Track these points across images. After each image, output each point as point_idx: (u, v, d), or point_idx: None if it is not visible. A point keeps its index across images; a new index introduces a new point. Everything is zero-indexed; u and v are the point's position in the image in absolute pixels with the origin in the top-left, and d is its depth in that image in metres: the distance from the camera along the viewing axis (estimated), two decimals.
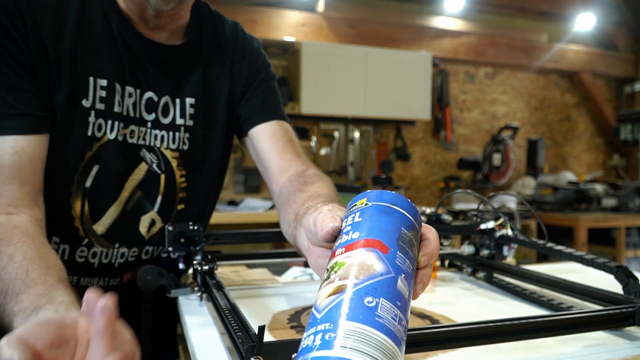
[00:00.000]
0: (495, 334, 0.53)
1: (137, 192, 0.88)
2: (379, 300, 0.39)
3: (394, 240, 0.43)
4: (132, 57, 0.85)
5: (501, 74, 5.02)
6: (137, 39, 0.85)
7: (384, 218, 0.45)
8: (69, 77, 0.79)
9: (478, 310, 0.78)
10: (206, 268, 0.79)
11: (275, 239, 1.04)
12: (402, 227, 0.45)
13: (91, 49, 0.81)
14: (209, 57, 0.94)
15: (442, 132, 4.68)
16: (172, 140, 0.90)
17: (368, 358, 0.36)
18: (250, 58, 1.00)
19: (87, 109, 0.81)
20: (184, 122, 0.91)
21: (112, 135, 0.83)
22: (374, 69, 4.03)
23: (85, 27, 0.81)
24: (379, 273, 0.40)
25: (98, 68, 0.82)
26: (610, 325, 0.61)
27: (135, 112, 0.86)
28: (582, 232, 3.77)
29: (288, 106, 3.90)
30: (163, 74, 0.89)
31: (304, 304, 0.78)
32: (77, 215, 0.83)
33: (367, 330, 0.37)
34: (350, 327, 0.37)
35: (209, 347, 0.60)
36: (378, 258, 0.41)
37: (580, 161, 5.43)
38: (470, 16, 4.69)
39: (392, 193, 0.47)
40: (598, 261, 0.76)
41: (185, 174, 0.92)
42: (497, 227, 0.96)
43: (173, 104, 0.90)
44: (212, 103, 0.94)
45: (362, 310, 0.38)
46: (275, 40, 4.01)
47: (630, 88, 5.39)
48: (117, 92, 0.83)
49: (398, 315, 0.39)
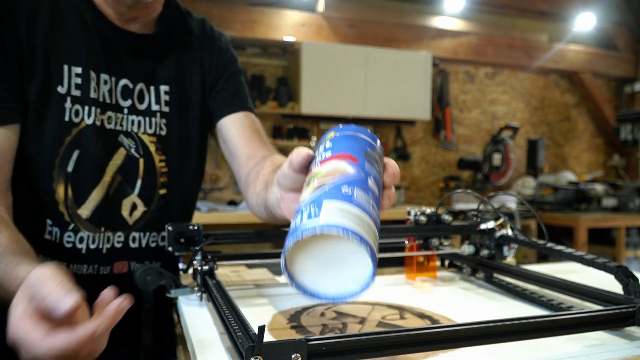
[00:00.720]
0: (495, 334, 0.53)
1: (118, 177, 0.91)
2: (354, 189, 0.45)
3: (361, 155, 0.50)
4: (105, 45, 0.89)
5: (501, 74, 5.02)
6: (110, 28, 0.89)
7: (350, 142, 0.52)
8: (42, 66, 0.82)
9: (478, 310, 0.78)
10: (206, 268, 0.79)
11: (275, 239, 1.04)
12: (367, 148, 0.52)
13: (65, 38, 0.85)
14: (179, 48, 0.98)
15: (442, 132, 4.68)
16: (148, 126, 0.94)
17: (350, 223, 0.42)
18: (219, 52, 1.04)
19: (63, 95, 0.84)
20: (160, 108, 0.95)
21: (89, 121, 0.86)
22: (374, 69, 4.03)
23: (59, 18, 0.85)
24: (351, 174, 0.47)
25: (72, 56, 0.85)
26: (610, 325, 0.61)
27: (111, 98, 0.90)
28: (582, 232, 3.77)
29: (288, 106, 3.90)
30: (136, 62, 0.92)
31: (304, 304, 0.78)
32: (62, 199, 0.86)
33: (346, 205, 0.43)
34: (331, 204, 0.43)
35: (209, 347, 0.60)
36: (349, 164, 0.48)
37: (580, 161, 5.43)
38: (470, 16, 4.70)
39: (356, 125, 0.55)
40: (598, 261, 0.76)
41: (165, 158, 0.95)
42: (497, 227, 0.96)
43: (148, 90, 0.94)
44: (185, 91, 0.98)
45: (340, 195, 0.44)
46: (275, 40, 4.01)
47: (630, 88, 5.39)
48: (92, 79, 0.86)
49: (371, 203, 0.46)
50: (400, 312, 0.74)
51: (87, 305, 0.53)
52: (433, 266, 0.97)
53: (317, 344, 0.46)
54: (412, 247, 0.96)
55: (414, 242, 0.96)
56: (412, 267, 0.96)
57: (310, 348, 0.45)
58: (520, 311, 0.76)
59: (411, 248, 0.96)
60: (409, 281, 0.96)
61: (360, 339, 0.47)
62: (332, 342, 0.46)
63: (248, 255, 0.94)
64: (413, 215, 0.95)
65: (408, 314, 0.74)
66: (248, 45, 3.99)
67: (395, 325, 0.69)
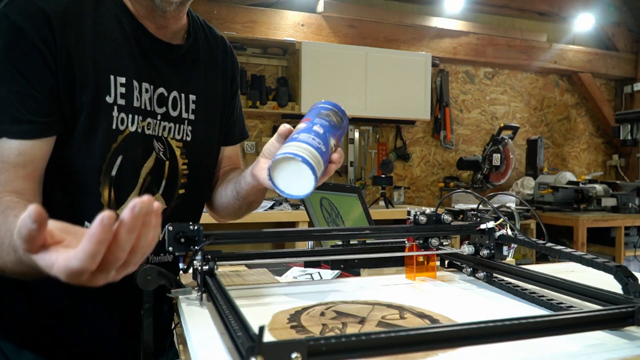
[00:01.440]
0: (495, 334, 0.53)
1: (148, 178, 0.97)
2: (300, 134, 0.76)
3: (315, 116, 0.80)
4: (144, 55, 0.94)
5: (501, 74, 5.02)
6: (148, 38, 0.94)
7: (312, 110, 0.82)
8: (92, 77, 0.87)
9: (478, 310, 0.78)
10: (206, 268, 0.79)
11: (275, 239, 1.04)
12: (321, 110, 0.81)
13: (109, 49, 0.89)
14: (205, 59, 1.06)
15: (441, 132, 4.68)
16: (177, 132, 1.00)
17: (295, 150, 0.73)
18: (235, 68, 1.14)
19: (111, 104, 0.89)
20: (188, 116, 1.01)
21: (133, 128, 0.92)
22: (374, 69, 4.03)
23: (101, 29, 0.89)
24: (302, 127, 0.78)
25: (117, 67, 0.90)
26: (610, 325, 0.61)
27: (151, 106, 0.95)
28: (581, 231, 3.77)
29: (288, 106, 3.90)
30: (171, 71, 0.98)
31: (304, 304, 0.78)
32: (106, 202, 0.92)
33: (295, 142, 0.75)
34: (289, 144, 0.75)
35: (209, 347, 0.60)
36: (304, 122, 0.79)
37: (580, 161, 5.43)
38: (470, 16, 4.70)
39: (327, 101, 0.83)
40: (598, 261, 0.77)
41: (187, 162, 1.02)
42: (496, 227, 0.96)
43: (180, 98, 1.00)
44: (209, 101, 1.06)
45: (292, 138, 0.76)
46: (275, 40, 4.01)
47: (630, 88, 5.39)
48: (135, 88, 0.92)
49: (313, 138, 0.75)
50: (400, 312, 0.74)
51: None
52: (433, 266, 0.97)
53: (317, 344, 0.46)
54: (412, 247, 0.96)
55: (414, 242, 0.96)
56: (412, 267, 0.96)
57: (310, 348, 0.45)
58: (520, 311, 0.76)
59: (411, 248, 0.97)
60: (408, 281, 0.96)
61: (360, 339, 0.48)
62: (332, 342, 0.47)
63: (248, 255, 0.94)
64: (413, 215, 0.95)
65: (408, 313, 0.74)
66: (248, 45, 3.99)
67: (395, 325, 0.69)
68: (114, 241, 0.48)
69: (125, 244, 0.49)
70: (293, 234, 0.97)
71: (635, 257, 4.02)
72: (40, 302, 0.94)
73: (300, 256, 1.02)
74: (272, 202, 3.31)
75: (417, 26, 4.49)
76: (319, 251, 1.03)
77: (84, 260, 0.47)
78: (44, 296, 0.93)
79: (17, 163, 0.80)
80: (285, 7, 4.10)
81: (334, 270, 1.08)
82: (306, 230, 0.96)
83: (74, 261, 0.47)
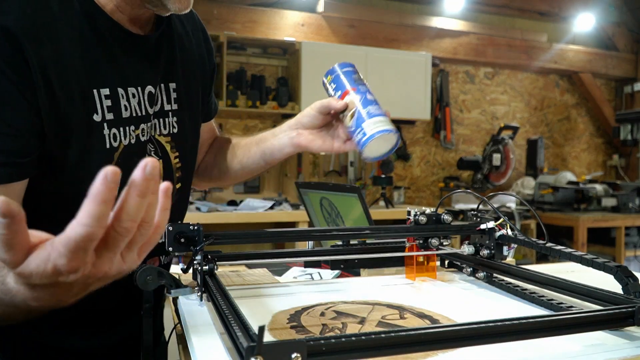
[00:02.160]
0: (495, 334, 0.53)
1: None
2: (367, 109, 0.91)
3: (353, 83, 0.94)
4: (123, 55, 0.83)
5: (501, 74, 5.02)
6: (124, 34, 0.83)
7: (345, 78, 0.95)
8: (78, 94, 0.77)
9: (478, 310, 0.78)
10: (206, 268, 0.79)
11: (275, 239, 1.04)
12: (353, 75, 0.95)
13: (86, 58, 0.78)
14: (179, 39, 0.97)
15: (442, 132, 4.68)
16: (163, 127, 0.93)
17: (385, 125, 0.89)
18: (208, 42, 1.06)
19: (99, 122, 0.80)
20: (171, 107, 0.94)
21: (126, 141, 0.84)
22: (374, 69, 4.03)
23: (73, 34, 0.77)
24: (359, 100, 0.92)
25: (97, 77, 0.79)
26: (610, 325, 0.61)
27: (141, 110, 0.87)
28: (581, 232, 3.77)
29: (288, 106, 3.90)
30: (151, 64, 0.89)
31: (304, 304, 0.78)
32: None
33: (372, 119, 0.90)
34: (373, 119, 0.90)
35: (209, 347, 0.60)
36: (354, 94, 0.93)
37: (580, 161, 5.43)
38: (470, 16, 4.70)
39: (338, 64, 0.98)
40: (598, 261, 0.76)
41: (179, 154, 0.97)
42: (496, 227, 0.96)
43: (160, 91, 0.91)
44: (189, 85, 0.98)
45: (367, 116, 0.90)
46: (275, 40, 4.01)
47: (630, 88, 5.39)
48: (121, 97, 0.83)
49: (376, 105, 0.92)
50: (400, 312, 0.74)
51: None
52: (433, 266, 0.97)
53: (317, 344, 0.46)
54: (412, 247, 0.96)
55: (414, 242, 0.96)
56: (412, 267, 0.96)
57: (310, 348, 0.45)
58: (520, 311, 0.76)
59: (411, 248, 0.96)
60: (408, 281, 0.96)
61: (360, 339, 0.47)
62: (332, 342, 0.47)
63: (248, 255, 0.94)
64: (413, 215, 0.95)
65: (408, 313, 0.74)
66: (248, 45, 3.99)
67: (395, 325, 0.69)
68: (123, 207, 0.42)
69: (136, 211, 0.42)
70: (293, 234, 0.97)
71: (635, 257, 4.02)
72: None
73: (300, 256, 1.02)
74: (272, 202, 3.31)
75: (417, 26, 4.49)
76: (319, 251, 1.03)
77: (88, 225, 0.40)
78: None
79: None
80: (285, 7, 4.10)
81: (334, 270, 1.08)
82: (306, 230, 0.96)
83: (77, 227, 0.41)
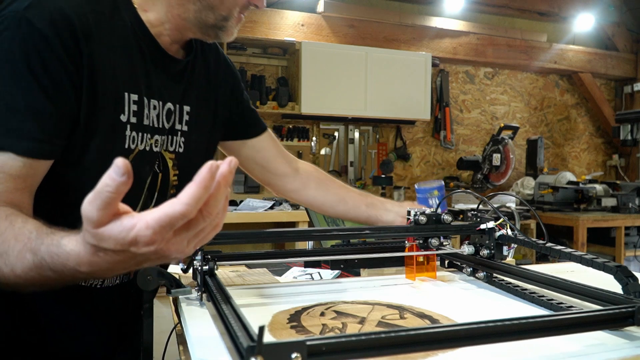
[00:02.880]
0: (495, 334, 0.53)
1: (146, 192, 0.94)
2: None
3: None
4: (155, 71, 0.91)
5: (501, 74, 5.02)
6: (160, 53, 0.92)
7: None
8: (112, 94, 0.83)
9: (478, 310, 0.78)
10: (206, 268, 0.79)
11: (275, 239, 1.04)
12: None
13: (125, 65, 0.85)
14: (200, 68, 1.04)
15: (442, 132, 4.68)
16: (170, 143, 0.97)
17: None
18: (232, 77, 1.13)
19: (124, 123, 0.85)
20: (181, 127, 0.99)
21: (142, 146, 0.90)
22: (374, 69, 4.03)
23: (118, 42, 0.84)
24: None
25: (131, 84, 0.86)
26: (610, 325, 0.61)
27: (158, 122, 0.93)
28: (581, 232, 3.77)
29: (288, 106, 3.90)
30: (175, 85, 0.96)
31: (304, 304, 0.78)
32: None
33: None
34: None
35: (209, 347, 0.60)
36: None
37: (580, 161, 5.43)
38: (470, 16, 4.70)
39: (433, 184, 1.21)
40: (598, 261, 0.76)
41: (178, 173, 1.00)
42: (496, 227, 0.96)
43: (174, 110, 0.97)
44: (200, 111, 1.03)
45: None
46: (275, 40, 4.01)
47: (630, 88, 5.39)
48: (145, 105, 0.89)
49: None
50: (400, 312, 0.74)
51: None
52: (433, 266, 0.97)
53: (317, 344, 0.46)
54: (412, 247, 0.96)
55: (414, 242, 0.96)
56: (412, 267, 0.96)
57: (310, 348, 0.45)
58: (520, 311, 0.76)
59: (411, 248, 0.96)
60: (408, 281, 0.96)
61: (360, 339, 0.47)
62: (332, 342, 0.47)
63: (248, 255, 0.94)
64: (413, 215, 0.95)
65: (408, 313, 0.74)
66: (248, 45, 3.99)
67: (395, 325, 0.69)
68: (214, 193, 0.48)
69: (221, 198, 0.50)
70: (293, 234, 0.97)
71: (635, 257, 4.02)
72: (27, 315, 0.90)
73: (300, 256, 1.02)
74: (272, 202, 3.31)
75: (417, 26, 4.49)
76: (319, 251, 1.03)
77: (188, 204, 0.47)
78: (33, 309, 0.90)
79: (18, 175, 0.74)
80: (285, 7, 4.10)
81: (334, 270, 1.08)
82: (306, 230, 0.96)
83: (177, 205, 0.47)
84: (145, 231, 0.48)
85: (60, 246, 0.58)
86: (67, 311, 0.92)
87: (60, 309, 0.91)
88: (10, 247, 0.63)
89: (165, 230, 0.48)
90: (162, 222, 0.48)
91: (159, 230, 0.48)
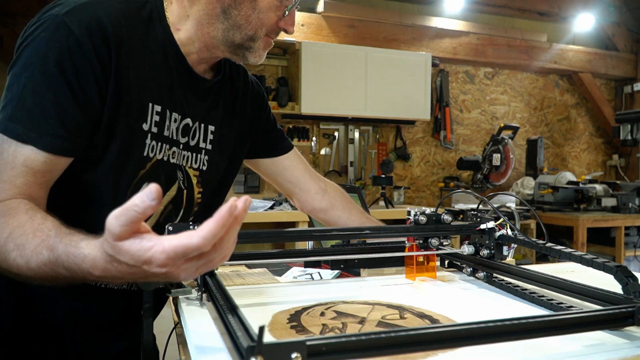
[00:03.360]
0: (495, 334, 0.53)
1: (170, 206, 0.97)
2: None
3: None
4: (180, 87, 0.95)
5: (501, 74, 5.02)
6: (187, 72, 0.95)
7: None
8: (137, 103, 0.87)
9: (478, 310, 0.78)
10: None
11: (275, 239, 1.04)
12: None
13: (152, 77, 0.89)
14: (226, 91, 1.07)
15: (441, 132, 4.68)
16: (194, 161, 1.01)
17: None
18: (259, 99, 1.16)
19: (145, 132, 0.89)
20: (205, 146, 1.02)
21: (160, 156, 0.92)
22: (374, 69, 4.03)
23: (148, 56, 0.89)
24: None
25: (155, 95, 0.90)
26: (609, 325, 0.61)
27: (177, 135, 0.96)
28: (581, 231, 3.77)
29: (288, 106, 3.90)
30: (199, 103, 0.99)
31: (304, 304, 0.78)
32: None
33: None
34: None
35: (209, 347, 0.60)
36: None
37: (580, 161, 5.43)
38: (470, 16, 4.70)
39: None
40: (598, 261, 0.77)
41: (202, 190, 1.03)
42: (496, 227, 0.96)
43: (199, 129, 1.01)
44: (224, 131, 1.07)
45: None
46: (276, 40, 4.00)
47: (630, 88, 5.39)
48: (167, 117, 0.92)
49: None
50: (400, 312, 0.74)
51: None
52: (433, 266, 0.97)
53: (317, 344, 0.46)
54: (412, 247, 0.96)
55: (414, 242, 0.96)
56: (412, 267, 0.96)
57: (310, 348, 0.45)
58: (520, 311, 0.76)
59: (411, 248, 0.97)
60: (408, 281, 0.96)
61: (360, 339, 0.48)
62: (332, 342, 0.47)
63: (248, 255, 0.94)
64: (413, 215, 0.95)
65: (408, 313, 0.74)
66: None
67: (395, 325, 0.69)
68: (229, 230, 0.52)
69: (234, 233, 0.54)
70: (293, 234, 0.97)
71: (635, 257, 4.02)
72: (34, 314, 0.91)
73: (300, 256, 1.02)
74: (272, 202, 3.31)
75: (417, 26, 4.48)
76: (319, 251, 1.03)
77: (205, 239, 0.50)
78: (41, 307, 0.91)
79: (38, 170, 0.78)
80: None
81: (334, 270, 1.08)
82: (306, 230, 0.96)
83: (195, 238, 0.51)
84: (160, 254, 0.52)
85: (78, 247, 0.61)
86: (72, 308, 0.93)
87: (65, 305, 0.92)
88: (27, 241, 0.67)
89: (178, 258, 0.52)
90: (178, 250, 0.51)
91: (173, 257, 0.52)
